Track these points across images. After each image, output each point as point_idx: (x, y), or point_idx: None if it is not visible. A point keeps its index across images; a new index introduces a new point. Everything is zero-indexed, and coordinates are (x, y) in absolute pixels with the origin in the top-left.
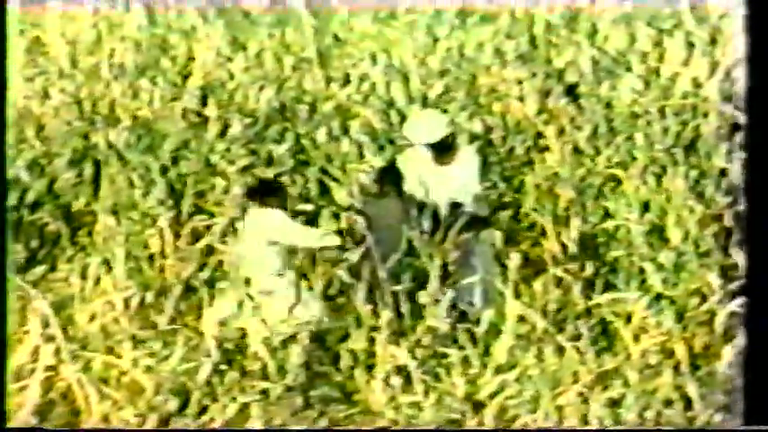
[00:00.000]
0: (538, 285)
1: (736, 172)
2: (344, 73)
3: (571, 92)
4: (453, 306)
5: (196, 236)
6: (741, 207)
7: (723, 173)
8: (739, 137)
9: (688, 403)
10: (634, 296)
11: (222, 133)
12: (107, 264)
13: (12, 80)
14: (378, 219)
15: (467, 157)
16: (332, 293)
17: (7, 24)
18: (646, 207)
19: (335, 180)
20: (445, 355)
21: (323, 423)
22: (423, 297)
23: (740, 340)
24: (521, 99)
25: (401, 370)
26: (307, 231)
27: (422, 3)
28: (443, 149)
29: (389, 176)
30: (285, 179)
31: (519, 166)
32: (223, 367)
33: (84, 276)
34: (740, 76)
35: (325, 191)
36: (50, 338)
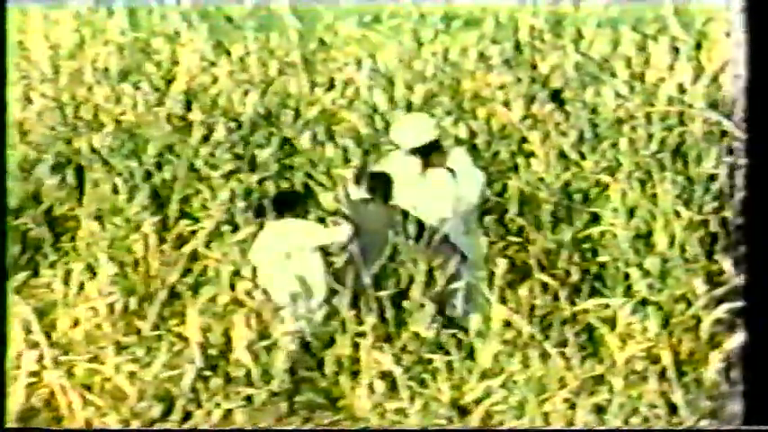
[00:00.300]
0: (524, 291)
1: (722, 177)
2: (329, 77)
3: (556, 97)
4: (439, 311)
5: (181, 241)
6: (727, 213)
7: (710, 178)
8: (726, 142)
9: (673, 409)
10: (620, 302)
11: (206, 138)
12: (90, 269)
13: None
14: (363, 224)
15: (458, 158)
16: None
17: (7, 24)
18: (631, 213)
19: (320, 185)
20: (431, 361)
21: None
22: (407, 303)
23: (730, 344)
24: (505, 104)
25: (386, 376)
26: (322, 230)
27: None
28: (430, 153)
29: (375, 181)
30: (270, 183)
31: (504, 171)
32: (207, 373)
33: (67, 282)
34: (726, 80)
35: (309, 195)
36: (33, 344)
